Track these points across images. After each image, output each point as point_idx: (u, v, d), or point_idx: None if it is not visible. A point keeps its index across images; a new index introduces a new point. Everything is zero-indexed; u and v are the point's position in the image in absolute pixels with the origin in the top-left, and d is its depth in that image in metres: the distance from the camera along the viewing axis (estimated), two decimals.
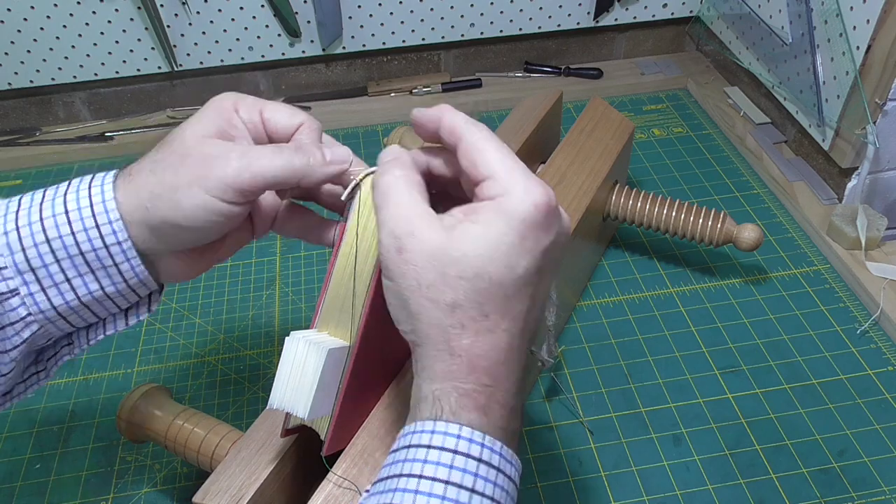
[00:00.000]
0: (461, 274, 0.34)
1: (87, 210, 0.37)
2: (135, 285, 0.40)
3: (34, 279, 0.38)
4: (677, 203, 0.73)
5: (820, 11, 0.77)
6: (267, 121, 0.42)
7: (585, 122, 0.75)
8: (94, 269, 0.38)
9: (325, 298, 0.44)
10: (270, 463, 0.47)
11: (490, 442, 0.33)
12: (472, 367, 0.34)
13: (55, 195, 0.38)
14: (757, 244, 0.70)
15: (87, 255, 0.38)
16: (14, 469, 0.63)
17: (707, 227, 0.72)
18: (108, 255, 0.38)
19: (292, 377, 0.41)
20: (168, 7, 0.94)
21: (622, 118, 0.77)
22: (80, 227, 0.37)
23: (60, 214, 0.37)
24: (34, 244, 0.37)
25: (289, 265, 0.81)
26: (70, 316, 0.40)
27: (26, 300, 0.38)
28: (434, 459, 0.32)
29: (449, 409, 0.34)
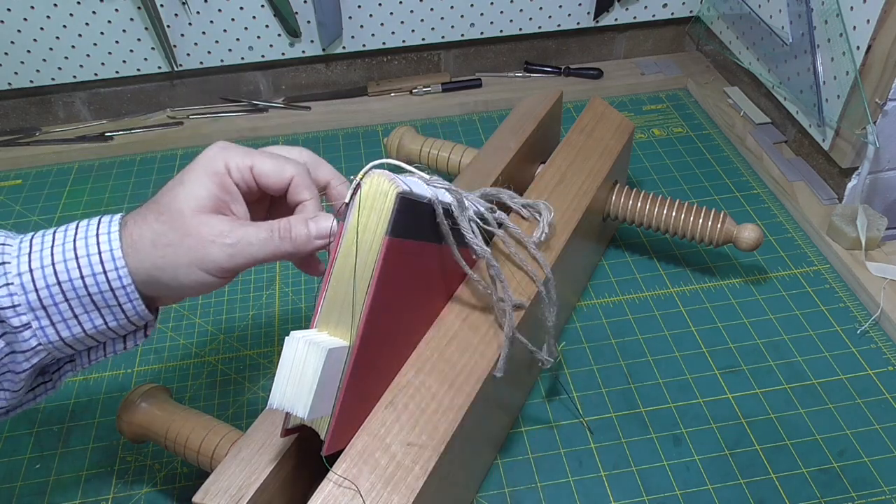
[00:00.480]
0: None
1: (96, 257, 0.41)
2: (134, 319, 0.44)
3: (45, 315, 0.42)
4: (677, 203, 0.73)
5: (820, 11, 0.77)
6: (258, 177, 0.45)
7: (585, 122, 0.75)
8: (99, 307, 0.42)
9: (325, 298, 0.44)
10: (270, 463, 0.47)
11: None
12: None
13: (64, 240, 0.42)
14: (757, 244, 0.70)
15: (94, 297, 0.42)
16: (14, 469, 0.63)
17: (707, 227, 0.72)
18: (114, 296, 0.42)
19: (292, 377, 0.41)
20: (168, 7, 0.94)
21: (622, 118, 0.77)
22: (88, 272, 0.41)
23: (71, 260, 0.41)
24: (46, 286, 0.41)
25: (289, 265, 0.81)
26: (75, 344, 0.44)
27: (37, 333, 0.42)
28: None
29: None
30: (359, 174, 0.43)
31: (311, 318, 0.45)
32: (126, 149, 1.00)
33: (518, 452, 0.62)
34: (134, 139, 1.00)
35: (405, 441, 0.47)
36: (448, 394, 0.50)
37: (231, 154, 0.44)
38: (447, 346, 0.52)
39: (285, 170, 0.45)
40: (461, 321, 0.54)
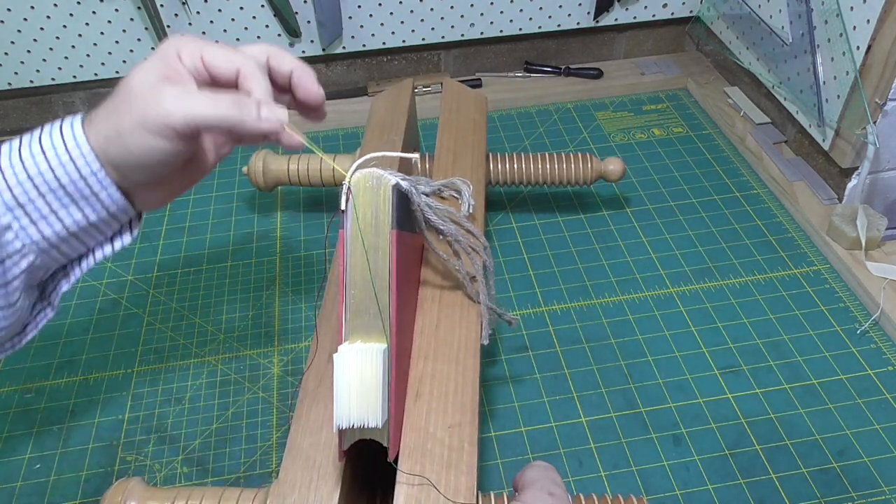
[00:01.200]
0: None
1: (62, 147, 0.41)
2: (115, 212, 0.44)
3: (24, 214, 0.41)
4: (546, 156, 0.80)
5: (820, 11, 0.77)
6: (207, 64, 0.44)
7: (450, 103, 0.78)
8: (76, 200, 0.42)
9: (346, 310, 0.43)
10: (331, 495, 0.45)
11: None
12: None
13: (31, 140, 0.42)
14: (622, 174, 0.80)
15: (67, 188, 0.42)
16: (14, 469, 0.63)
17: (578, 170, 0.79)
18: (87, 185, 0.42)
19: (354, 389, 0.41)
20: (168, 7, 0.94)
21: (475, 94, 0.81)
22: (56, 162, 0.41)
23: (38, 154, 0.41)
24: (18, 182, 0.41)
25: (289, 265, 0.81)
26: (61, 245, 0.43)
27: (19, 233, 0.42)
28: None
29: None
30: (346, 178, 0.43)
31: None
32: None
33: (518, 452, 0.62)
34: None
35: (446, 425, 0.48)
36: (459, 372, 0.51)
37: (183, 42, 0.44)
38: (437, 329, 0.54)
39: (233, 59, 0.44)
40: (438, 303, 0.56)
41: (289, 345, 0.72)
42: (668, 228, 0.83)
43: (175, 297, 0.78)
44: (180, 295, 0.78)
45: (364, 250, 0.42)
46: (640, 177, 0.91)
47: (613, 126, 1.00)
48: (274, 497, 0.46)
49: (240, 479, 0.61)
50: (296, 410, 0.50)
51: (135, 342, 0.73)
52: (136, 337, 0.74)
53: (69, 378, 0.70)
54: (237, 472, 0.61)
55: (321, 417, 0.49)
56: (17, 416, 0.67)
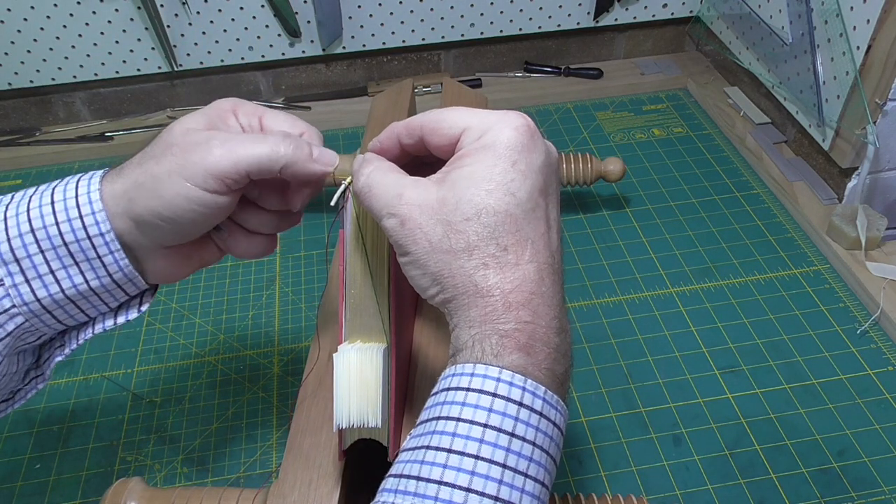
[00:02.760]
0: (465, 216, 0.33)
1: (73, 201, 0.38)
2: (120, 280, 0.40)
3: (18, 270, 0.38)
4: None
5: (820, 11, 0.77)
6: (267, 128, 0.41)
7: (450, 103, 0.77)
8: (78, 262, 0.39)
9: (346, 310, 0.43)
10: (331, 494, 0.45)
11: (532, 386, 0.32)
12: (507, 305, 0.33)
13: (46, 189, 0.39)
14: (622, 174, 0.80)
15: (70, 247, 0.38)
16: (14, 469, 0.63)
17: (579, 170, 0.80)
18: (92, 246, 0.38)
19: (353, 389, 0.40)
20: (168, 7, 0.94)
21: (475, 94, 0.81)
22: (63, 217, 0.38)
23: (46, 205, 0.38)
24: (19, 234, 0.38)
25: (289, 265, 0.81)
26: (55, 310, 0.40)
27: (10, 291, 0.38)
28: (473, 403, 0.31)
29: (490, 351, 0.32)
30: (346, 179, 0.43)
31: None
32: (126, 149, 1.00)
33: None
34: (134, 139, 1.00)
35: None
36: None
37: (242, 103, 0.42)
38: (437, 327, 0.53)
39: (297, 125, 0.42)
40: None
41: (289, 345, 0.72)
42: (668, 228, 0.83)
43: (175, 297, 0.78)
44: (180, 295, 0.78)
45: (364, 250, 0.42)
46: (640, 177, 0.91)
47: (613, 126, 1.00)
48: (274, 497, 0.46)
49: (240, 479, 0.61)
50: (296, 410, 0.50)
51: (135, 342, 0.73)
52: (136, 337, 0.74)
53: (69, 378, 0.70)
54: (237, 473, 0.61)
55: (321, 417, 0.49)
56: (17, 416, 0.67)
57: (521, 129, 0.34)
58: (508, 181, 0.33)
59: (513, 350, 0.32)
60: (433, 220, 0.34)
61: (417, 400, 0.49)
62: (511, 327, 0.33)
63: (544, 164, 0.35)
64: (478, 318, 0.33)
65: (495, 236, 0.33)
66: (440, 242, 0.34)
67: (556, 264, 0.35)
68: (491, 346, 0.32)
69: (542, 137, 0.36)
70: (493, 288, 0.33)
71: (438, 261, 0.34)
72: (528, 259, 0.33)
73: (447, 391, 0.32)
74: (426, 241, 0.34)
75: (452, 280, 0.34)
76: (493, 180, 0.33)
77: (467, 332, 0.33)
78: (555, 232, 0.36)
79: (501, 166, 0.34)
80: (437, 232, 0.34)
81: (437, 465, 0.30)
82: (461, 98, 0.79)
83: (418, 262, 0.34)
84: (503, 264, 0.33)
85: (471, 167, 0.34)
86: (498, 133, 0.34)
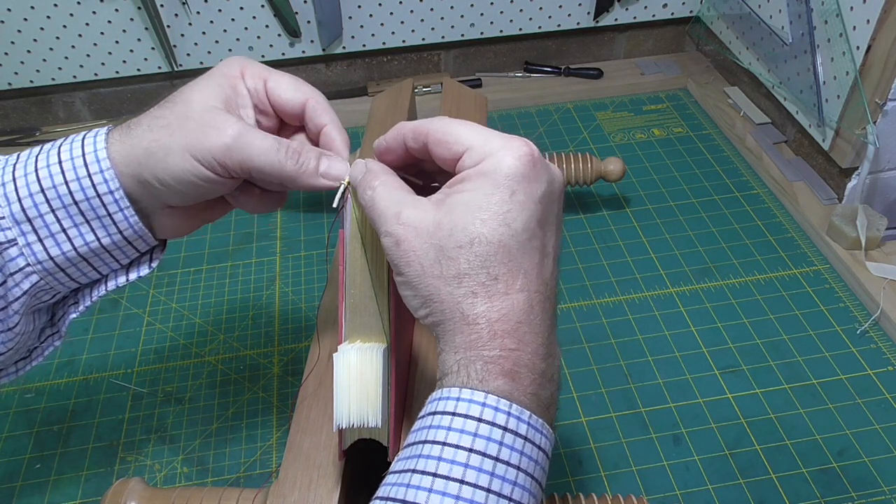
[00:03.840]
0: (458, 243, 0.33)
1: (80, 160, 0.38)
2: (130, 237, 0.41)
3: (31, 229, 0.39)
4: (546, 155, 0.80)
5: (820, 11, 0.77)
6: (271, 91, 0.42)
7: (450, 103, 0.77)
8: (88, 220, 0.39)
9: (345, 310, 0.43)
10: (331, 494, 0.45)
11: (517, 411, 0.32)
12: (493, 333, 0.33)
13: (51, 148, 0.39)
14: (622, 174, 0.80)
15: (80, 205, 0.39)
16: (14, 469, 0.63)
17: (579, 170, 0.80)
18: (101, 204, 0.39)
19: (353, 389, 0.40)
20: (168, 7, 0.94)
21: (475, 94, 0.80)
22: (72, 175, 0.38)
23: (54, 164, 0.38)
24: (29, 194, 0.38)
25: (289, 265, 0.81)
26: (69, 268, 0.40)
27: (24, 251, 0.39)
28: (458, 427, 0.32)
29: (476, 377, 0.33)
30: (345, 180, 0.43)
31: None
32: None
33: None
34: None
35: None
36: None
37: (249, 63, 0.42)
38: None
39: (301, 89, 0.42)
40: None
41: (289, 345, 0.72)
42: (668, 228, 0.83)
43: (175, 297, 0.78)
44: (180, 295, 0.78)
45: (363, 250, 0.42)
46: (640, 177, 0.91)
47: (613, 126, 1.00)
48: (274, 497, 0.46)
49: (240, 479, 0.61)
50: (296, 410, 0.50)
51: (135, 342, 0.73)
52: (136, 337, 0.74)
53: (69, 378, 0.70)
54: (237, 473, 0.61)
55: (321, 417, 0.49)
56: (17, 416, 0.67)
57: (524, 158, 0.34)
58: (505, 212, 0.33)
59: (497, 376, 0.33)
60: (427, 243, 0.34)
61: (417, 400, 0.49)
62: (496, 354, 0.33)
63: (545, 195, 0.35)
64: (463, 344, 0.33)
65: (486, 266, 0.33)
66: (432, 267, 0.34)
67: (549, 292, 0.35)
68: (476, 371, 0.33)
69: (545, 166, 0.35)
70: (479, 316, 0.33)
71: (429, 285, 0.34)
72: (519, 288, 0.34)
73: (433, 415, 0.33)
74: (419, 264, 0.34)
75: (441, 305, 0.34)
76: (489, 210, 0.33)
77: (453, 356, 0.34)
78: (550, 261, 0.36)
79: (499, 196, 0.34)
80: (430, 256, 0.34)
81: (422, 489, 0.31)
82: (461, 98, 0.79)
83: (410, 283, 0.35)
84: (492, 293, 0.33)
85: (469, 193, 0.34)
86: (500, 160, 0.34)
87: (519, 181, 0.34)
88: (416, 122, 0.38)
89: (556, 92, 1.06)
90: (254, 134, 0.39)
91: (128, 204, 0.40)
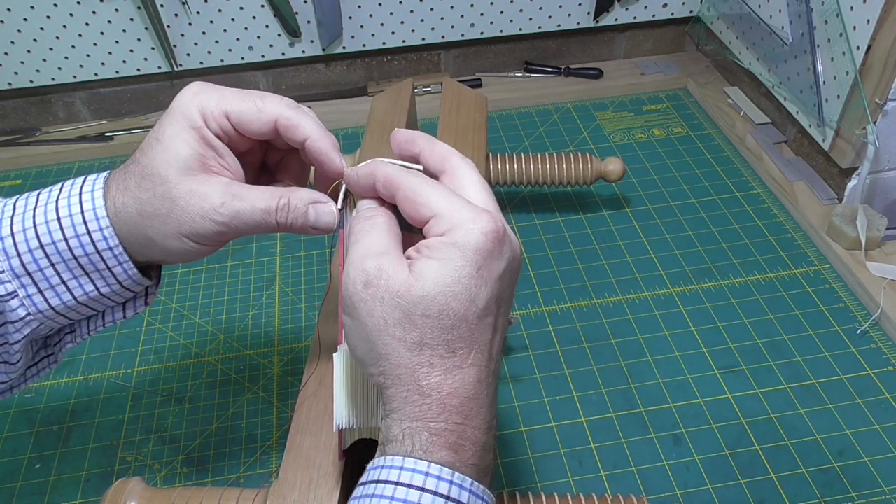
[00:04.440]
0: (426, 312, 0.33)
1: (79, 216, 0.39)
2: (128, 285, 0.42)
3: (31, 282, 0.39)
4: (547, 156, 0.80)
5: (820, 11, 0.77)
6: (236, 125, 0.40)
7: (450, 103, 0.78)
8: (88, 273, 0.40)
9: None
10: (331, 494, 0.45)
11: (459, 479, 0.33)
12: (442, 407, 0.33)
13: (48, 200, 0.39)
14: (622, 174, 0.79)
15: (80, 260, 0.40)
16: (14, 469, 0.63)
17: (578, 170, 0.79)
18: (101, 259, 0.40)
19: (353, 390, 0.40)
20: (168, 7, 0.94)
21: (475, 94, 0.81)
22: (72, 233, 0.39)
23: (53, 221, 0.39)
24: (29, 250, 0.39)
25: (289, 265, 0.81)
26: (68, 313, 0.42)
27: (25, 301, 0.40)
28: (401, 497, 0.32)
29: (420, 447, 0.33)
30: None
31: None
32: (126, 149, 1.00)
33: (518, 452, 0.62)
34: (134, 139, 1.00)
35: None
36: None
37: (205, 101, 0.39)
38: None
39: (265, 110, 0.40)
40: None
41: (289, 345, 0.72)
42: (668, 228, 0.83)
43: (175, 297, 0.78)
44: (180, 295, 0.78)
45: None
46: (640, 177, 0.91)
47: (613, 126, 1.00)
48: (274, 497, 0.45)
49: (240, 478, 0.61)
50: (296, 410, 0.50)
51: (135, 342, 0.73)
52: (136, 337, 0.74)
53: (69, 378, 0.70)
54: (237, 473, 0.61)
55: (321, 418, 0.49)
56: (17, 416, 0.67)
57: (490, 235, 0.34)
58: (472, 287, 0.33)
59: (442, 448, 0.33)
60: (395, 301, 0.33)
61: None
62: (442, 427, 0.33)
63: (505, 272, 0.35)
64: (411, 413, 0.34)
65: (448, 339, 0.33)
66: (395, 327, 0.33)
67: (494, 367, 0.36)
68: (421, 441, 0.33)
69: (509, 242, 0.35)
70: (432, 388, 0.33)
71: (387, 343, 0.34)
72: (471, 363, 0.34)
73: (376, 483, 0.33)
74: (381, 319, 0.34)
75: (397, 370, 0.34)
76: (458, 283, 0.33)
77: (399, 424, 0.34)
78: (499, 336, 0.36)
79: (468, 270, 0.33)
80: (395, 315, 0.33)
81: None
82: (461, 98, 0.79)
83: (368, 336, 0.34)
84: (448, 367, 0.33)
85: (439, 262, 0.33)
86: (467, 234, 0.34)
87: (485, 257, 0.34)
88: (391, 171, 0.37)
89: (556, 92, 1.06)
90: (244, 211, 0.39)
91: (127, 258, 0.40)
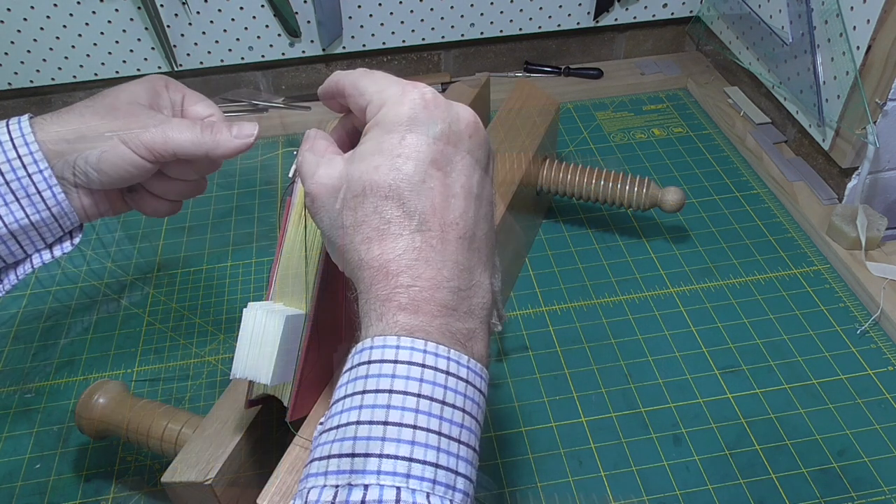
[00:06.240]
0: (354, 193, 0.35)
1: (8, 143, 0.43)
2: (57, 214, 0.45)
3: None
4: (605, 172, 0.78)
5: (820, 11, 0.77)
6: (186, 108, 0.49)
7: (513, 103, 0.78)
8: (18, 198, 0.43)
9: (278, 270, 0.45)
10: (236, 434, 0.49)
11: (456, 356, 0.33)
12: (386, 273, 0.34)
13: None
14: (680, 205, 0.75)
15: (11, 185, 0.43)
16: (14, 469, 0.63)
17: (634, 193, 0.76)
18: (31, 182, 0.43)
19: (253, 346, 0.43)
20: (168, 7, 0.94)
21: (547, 96, 0.80)
22: (2, 158, 0.43)
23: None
24: None
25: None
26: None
27: None
28: (403, 374, 0.32)
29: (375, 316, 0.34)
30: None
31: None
32: None
33: (518, 452, 0.62)
34: None
35: None
36: None
37: (171, 80, 0.49)
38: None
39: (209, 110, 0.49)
40: None
41: None
42: (667, 228, 0.83)
43: (175, 297, 0.78)
44: (180, 295, 0.78)
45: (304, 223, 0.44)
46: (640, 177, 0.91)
47: (613, 126, 1.00)
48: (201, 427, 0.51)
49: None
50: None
51: (135, 342, 0.73)
52: (136, 337, 0.74)
53: (69, 378, 0.70)
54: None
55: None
56: (17, 416, 0.67)
57: (415, 102, 0.35)
58: (395, 156, 0.35)
59: (396, 311, 0.34)
60: (333, 197, 0.36)
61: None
62: (388, 292, 0.34)
63: (441, 134, 0.35)
64: (364, 289, 0.35)
65: (378, 211, 0.34)
66: (336, 219, 0.36)
67: (461, 231, 0.35)
68: (375, 310, 0.34)
69: (444, 106, 0.36)
70: (374, 259, 0.34)
71: (337, 236, 0.36)
72: (415, 229, 0.34)
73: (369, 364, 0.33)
74: (328, 218, 0.36)
75: (348, 255, 0.36)
76: (380, 155, 0.35)
77: (363, 304, 0.35)
78: (460, 201, 0.36)
79: (389, 142, 0.35)
80: (335, 209, 0.36)
81: (374, 440, 0.31)
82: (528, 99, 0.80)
83: (327, 238, 0.37)
84: (385, 236, 0.34)
85: (366, 144, 0.36)
86: (391, 108, 0.36)
87: (409, 126, 0.35)
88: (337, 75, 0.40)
89: (556, 92, 1.05)
90: (175, 120, 0.46)
91: (55, 182, 0.44)
